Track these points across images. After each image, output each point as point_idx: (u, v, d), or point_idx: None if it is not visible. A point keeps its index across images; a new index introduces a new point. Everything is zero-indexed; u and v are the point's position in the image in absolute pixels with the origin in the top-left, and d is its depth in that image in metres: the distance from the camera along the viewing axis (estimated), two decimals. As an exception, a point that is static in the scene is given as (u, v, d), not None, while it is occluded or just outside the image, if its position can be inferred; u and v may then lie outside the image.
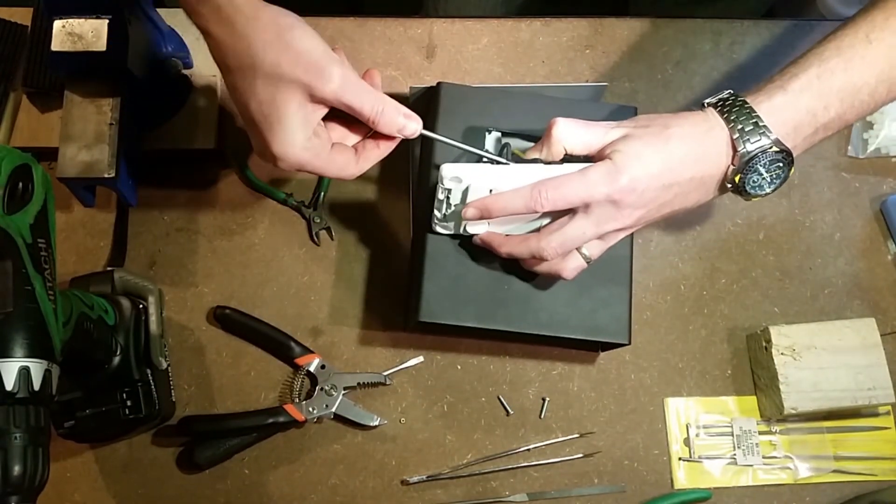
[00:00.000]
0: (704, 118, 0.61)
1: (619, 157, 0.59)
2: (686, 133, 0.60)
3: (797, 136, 0.61)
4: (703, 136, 0.60)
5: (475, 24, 0.88)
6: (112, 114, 0.73)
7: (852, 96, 0.60)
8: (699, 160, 0.60)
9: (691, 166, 0.60)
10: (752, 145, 0.59)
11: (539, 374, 0.80)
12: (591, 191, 0.59)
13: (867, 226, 0.86)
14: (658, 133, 0.60)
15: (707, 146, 0.60)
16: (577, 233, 0.61)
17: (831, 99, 0.60)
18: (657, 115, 0.62)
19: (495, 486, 0.77)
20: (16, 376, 0.48)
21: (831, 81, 0.59)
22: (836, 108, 0.60)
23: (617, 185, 0.58)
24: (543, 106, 0.71)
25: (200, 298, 0.80)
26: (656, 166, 0.59)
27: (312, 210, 0.82)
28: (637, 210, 0.60)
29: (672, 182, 0.60)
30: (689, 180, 0.60)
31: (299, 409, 0.75)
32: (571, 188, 0.59)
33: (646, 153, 0.59)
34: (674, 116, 0.62)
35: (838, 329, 0.77)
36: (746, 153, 0.59)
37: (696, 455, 0.78)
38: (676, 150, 0.60)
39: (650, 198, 0.60)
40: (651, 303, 0.82)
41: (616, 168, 0.59)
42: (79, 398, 0.69)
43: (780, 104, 0.60)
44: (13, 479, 0.47)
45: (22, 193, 0.53)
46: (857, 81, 0.60)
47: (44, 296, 0.52)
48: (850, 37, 0.60)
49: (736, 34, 0.90)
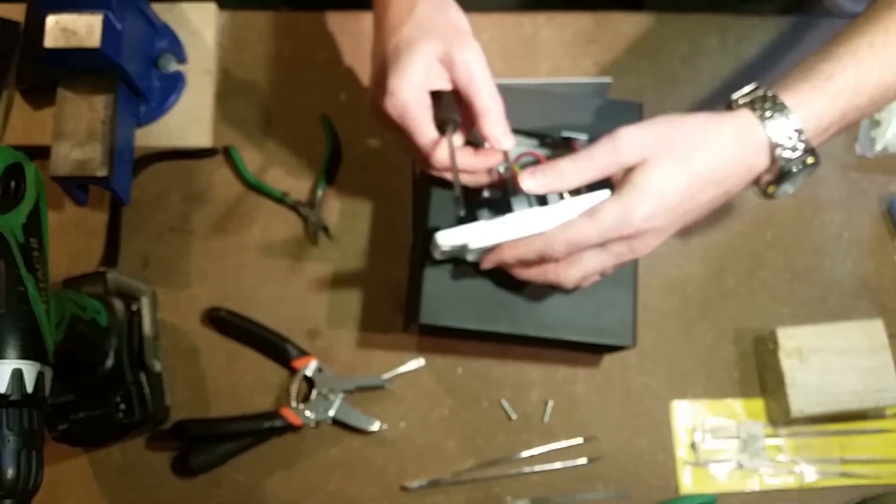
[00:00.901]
0: (740, 126, 0.58)
1: (634, 194, 0.57)
2: (715, 153, 0.57)
3: (824, 136, 0.59)
4: (736, 150, 0.58)
5: (477, 19, 0.86)
6: (105, 111, 0.73)
7: (881, 95, 0.59)
8: (723, 181, 0.58)
9: (714, 187, 0.58)
10: (793, 155, 0.57)
11: (542, 377, 0.79)
12: (606, 235, 0.58)
13: (875, 225, 0.85)
14: (683, 160, 0.57)
15: (737, 161, 0.58)
16: (596, 265, 0.61)
17: (863, 100, 0.58)
18: (681, 123, 0.59)
19: (497, 492, 0.76)
20: (9, 378, 0.48)
21: (866, 81, 0.58)
22: (865, 108, 0.59)
23: (632, 227, 0.57)
24: (547, 102, 0.70)
25: (195, 300, 0.79)
26: (676, 199, 0.57)
27: (309, 209, 0.81)
28: (656, 237, 0.59)
29: (691, 208, 0.59)
30: (712, 199, 0.59)
31: (296, 413, 0.75)
32: (585, 236, 0.58)
33: (665, 186, 0.56)
34: (703, 127, 0.58)
35: (846, 331, 0.76)
36: (786, 162, 0.57)
37: (702, 459, 0.77)
38: (700, 178, 0.57)
39: (668, 223, 0.59)
40: (656, 304, 0.81)
41: (630, 207, 0.57)
42: (72, 401, 0.70)
43: (819, 109, 0.57)
44: (6, 482, 0.47)
45: (14, 192, 0.53)
46: (889, 80, 0.59)
47: (36, 297, 0.51)
48: (882, 34, 0.58)
49: (743, 30, 0.89)
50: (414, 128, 0.59)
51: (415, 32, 0.59)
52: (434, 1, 0.60)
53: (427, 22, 0.59)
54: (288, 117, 0.85)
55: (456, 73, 0.58)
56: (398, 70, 0.58)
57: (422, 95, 0.59)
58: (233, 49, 0.86)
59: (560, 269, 0.60)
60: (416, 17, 0.59)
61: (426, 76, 0.58)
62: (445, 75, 0.59)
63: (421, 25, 0.59)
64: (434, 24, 0.59)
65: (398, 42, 0.59)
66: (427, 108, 0.59)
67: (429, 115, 0.59)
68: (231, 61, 0.86)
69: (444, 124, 0.59)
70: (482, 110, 0.59)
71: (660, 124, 0.58)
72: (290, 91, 0.85)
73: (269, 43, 0.87)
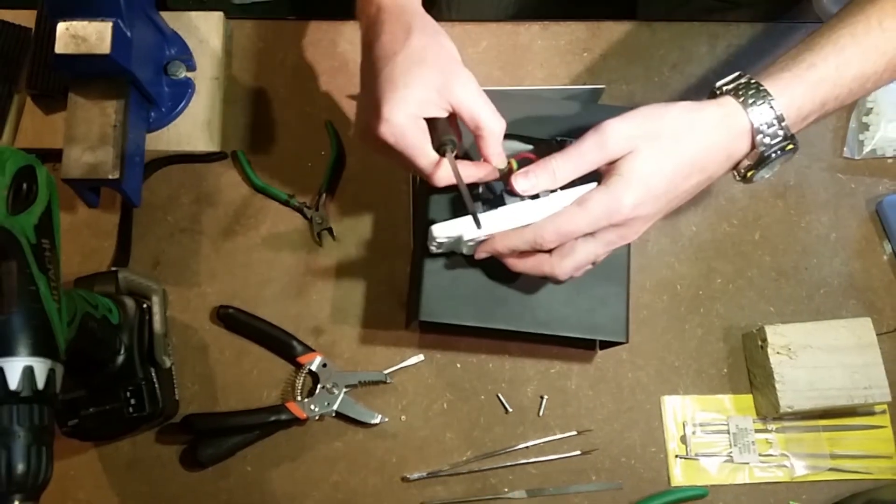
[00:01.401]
0: (724, 114, 0.58)
1: (621, 184, 0.57)
2: (699, 140, 0.58)
3: (803, 124, 0.60)
4: (718, 137, 0.58)
5: (474, 28, 0.89)
6: (116, 116, 0.73)
7: (861, 85, 0.60)
8: (707, 167, 0.59)
9: (698, 174, 0.59)
10: (773, 141, 0.58)
11: (538, 372, 0.80)
12: (596, 223, 0.59)
13: (863, 226, 0.86)
14: (668, 149, 0.58)
15: (720, 148, 0.59)
16: (587, 255, 0.61)
17: (843, 90, 0.59)
18: (665, 112, 0.59)
19: (494, 483, 0.78)
20: (20, 375, 0.48)
21: (847, 72, 0.59)
22: (844, 97, 0.60)
23: (620, 215, 0.58)
24: (542, 108, 0.72)
25: (204, 298, 0.81)
26: (662, 187, 0.58)
27: (314, 211, 0.82)
28: (644, 224, 0.60)
29: (677, 194, 0.60)
30: (696, 185, 0.60)
31: (301, 407, 0.76)
32: (574, 225, 0.59)
33: (651, 175, 0.57)
34: (686, 116, 0.59)
35: (834, 328, 0.77)
36: (767, 148, 0.58)
37: (693, 453, 0.79)
38: (684, 165, 0.58)
39: (655, 210, 0.59)
40: (648, 302, 0.83)
41: (618, 196, 0.57)
42: (83, 397, 0.70)
43: (800, 97, 0.58)
44: (17, 477, 0.47)
45: (26, 194, 0.54)
46: (868, 71, 0.59)
47: (48, 295, 0.52)
48: (864, 24, 0.59)
49: (732, 37, 0.90)
50: (414, 152, 0.59)
51: (410, 62, 0.58)
52: (428, 31, 0.60)
53: (422, 51, 0.59)
54: (293, 123, 0.86)
55: (457, 101, 0.59)
56: (395, 98, 0.57)
57: (419, 122, 0.59)
58: (240, 57, 0.88)
59: (553, 260, 0.61)
60: (410, 47, 0.59)
61: (423, 105, 0.58)
62: (442, 104, 0.59)
63: (416, 55, 0.58)
64: (429, 54, 0.59)
65: (392, 70, 0.58)
66: (424, 131, 0.60)
67: (427, 139, 0.60)
68: (238, 68, 0.87)
69: (442, 146, 0.60)
70: (487, 133, 0.60)
71: (644, 115, 0.59)
72: (295, 97, 0.87)
73: (274, 51, 0.88)
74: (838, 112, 0.88)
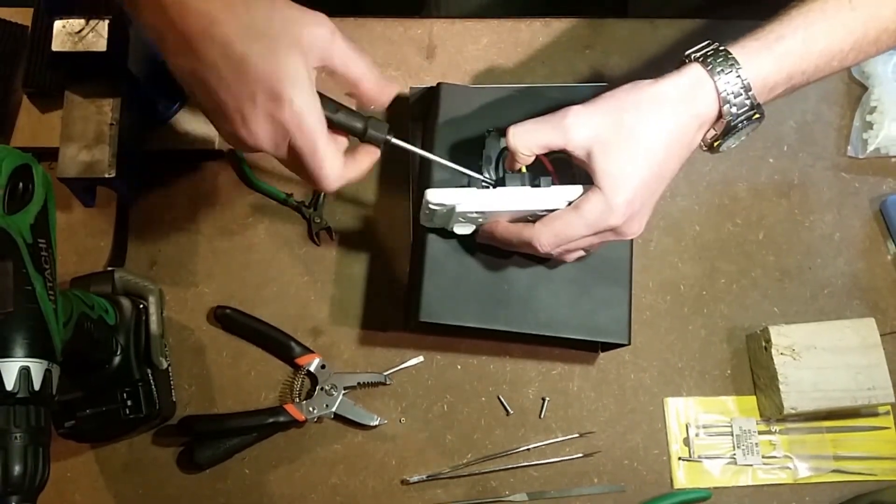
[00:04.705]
0: (690, 84, 0.59)
1: (608, 184, 0.58)
2: (666, 119, 0.58)
3: (769, 96, 0.60)
4: (686, 112, 0.59)
5: (475, 25, 0.88)
6: (112, 114, 0.73)
7: (827, 62, 0.60)
8: (684, 144, 0.60)
9: (676, 154, 0.60)
10: (740, 111, 0.58)
11: (539, 373, 0.80)
12: (593, 227, 0.59)
13: (867, 226, 0.86)
14: (636, 136, 0.58)
15: (690, 118, 0.59)
16: (584, 245, 0.63)
17: (809, 65, 0.60)
18: (626, 94, 0.59)
19: (495, 486, 0.77)
20: (16, 376, 0.48)
21: (814, 47, 0.59)
22: (811, 73, 0.60)
23: (615, 216, 0.59)
24: (543, 106, 0.70)
25: (201, 298, 0.80)
26: (645, 177, 0.59)
27: (313, 210, 0.82)
28: (640, 218, 0.61)
29: (662, 177, 0.60)
30: (678, 163, 0.61)
31: (299, 408, 0.76)
32: (572, 230, 0.60)
33: (631, 169, 0.58)
34: (648, 94, 0.59)
35: (838, 329, 0.77)
36: (733, 117, 0.59)
37: (696, 455, 0.78)
38: (659, 149, 0.58)
39: (647, 201, 0.60)
40: (651, 303, 0.82)
41: (608, 198, 0.58)
42: (79, 398, 0.70)
43: (766, 68, 0.59)
44: (13, 478, 0.47)
45: (22, 193, 0.53)
46: (835, 48, 0.60)
47: (44, 296, 0.51)
48: (835, 2, 0.59)
49: (736, 34, 0.89)
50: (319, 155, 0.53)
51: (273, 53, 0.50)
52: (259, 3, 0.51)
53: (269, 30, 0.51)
54: (291, 120, 0.86)
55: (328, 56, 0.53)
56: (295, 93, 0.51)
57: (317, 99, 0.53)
58: (237, 54, 0.87)
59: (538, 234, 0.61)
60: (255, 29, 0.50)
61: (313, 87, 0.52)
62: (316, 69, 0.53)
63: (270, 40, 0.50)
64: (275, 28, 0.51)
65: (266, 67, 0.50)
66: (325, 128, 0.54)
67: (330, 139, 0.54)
68: (235, 66, 0.87)
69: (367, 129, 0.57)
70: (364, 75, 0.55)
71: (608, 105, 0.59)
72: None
73: (272, 48, 0.88)
74: (839, 111, 0.88)
